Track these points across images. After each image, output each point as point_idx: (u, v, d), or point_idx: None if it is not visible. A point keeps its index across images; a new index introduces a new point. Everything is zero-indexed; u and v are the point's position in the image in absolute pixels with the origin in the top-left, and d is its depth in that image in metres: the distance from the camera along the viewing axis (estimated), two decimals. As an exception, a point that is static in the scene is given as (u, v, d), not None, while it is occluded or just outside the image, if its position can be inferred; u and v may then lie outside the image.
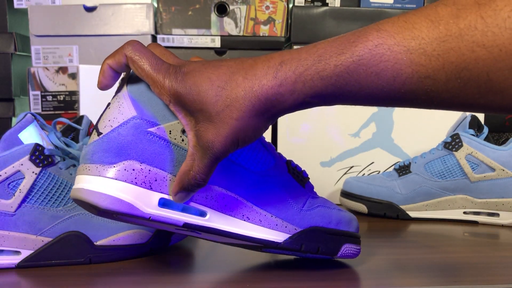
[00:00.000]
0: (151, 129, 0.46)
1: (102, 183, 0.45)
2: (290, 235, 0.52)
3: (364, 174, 0.96)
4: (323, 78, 0.42)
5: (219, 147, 0.44)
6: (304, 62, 0.42)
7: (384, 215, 0.85)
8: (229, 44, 1.17)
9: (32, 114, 0.58)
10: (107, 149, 0.46)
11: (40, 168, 0.55)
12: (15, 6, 1.16)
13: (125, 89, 0.47)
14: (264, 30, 1.16)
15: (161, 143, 0.47)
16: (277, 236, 0.52)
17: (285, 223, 0.52)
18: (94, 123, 0.80)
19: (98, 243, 0.58)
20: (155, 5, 1.17)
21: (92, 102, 0.90)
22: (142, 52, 0.45)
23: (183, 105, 0.45)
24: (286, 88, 0.43)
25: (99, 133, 0.46)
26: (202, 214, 0.49)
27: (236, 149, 0.46)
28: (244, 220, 0.51)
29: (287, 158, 0.55)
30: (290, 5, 1.20)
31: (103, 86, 0.47)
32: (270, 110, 0.44)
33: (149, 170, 0.46)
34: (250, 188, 0.51)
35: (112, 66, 0.46)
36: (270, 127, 0.96)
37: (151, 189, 0.46)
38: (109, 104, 0.48)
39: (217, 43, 1.16)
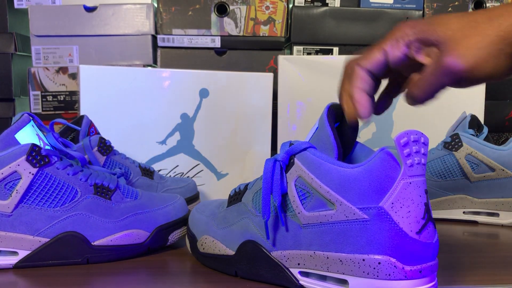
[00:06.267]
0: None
1: None
2: None
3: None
4: None
5: (455, 63, 0.44)
6: None
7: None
8: (229, 44, 1.17)
9: (29, 115, 0.58)
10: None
11: (37, 169, 0.55)
12: (15, 6, 1.16)
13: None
14: (264, 30, 1.16)
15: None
16: None
17: None
18: (95, 123, 0.79)
19: (95, 243, 0.57)
20: (155, 5, 1.17)
21: (93, 102, 0.90)
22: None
23: (427, 36, 0.46)
24: None
25: None
26: None
27: (471, 78, 0.45)
28: None
29: None
30: (290, 5, 1.19)
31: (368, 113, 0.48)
32: None
33: None
34: None
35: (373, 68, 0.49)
36: (270, 113, 0.96)
37: None
38: None
39: (217, 43, 1.16)
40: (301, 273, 0.50)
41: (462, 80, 0.46)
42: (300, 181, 0.49)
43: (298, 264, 0.49)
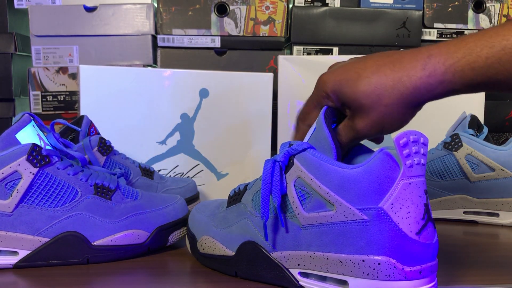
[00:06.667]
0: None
1: None
2: None
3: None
4: (474, 69, 0.46)
5: (365, 129, 0.50)
6: (453, 55, 0.46)
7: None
8: (229, 44, 1.17)
9: (30, 115, 0.58)
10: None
11: (38, 168, 0.55)
12: (15, 6, 1.16)
13: None
14: (264, 30, 1.16)
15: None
16: None
17: None
18: (95, 123, 0.79)
19: (96, 243, 0.58)
20: (155, 5, 1.17)
21: (93, 102, 0.90)
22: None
23: (341, 101, 0.50)
24: (435, 79, 0.46)
25: None
26: None
27: (381, 134, 0.51)
28: None
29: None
30: (290, 5, 1.19)
31: None
32: (418, 99, 0.48)
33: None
34: None
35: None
36: (270, 113, 0.96)
37: None
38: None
39: (217, 43, 1.16)
40: (301, 273, 0.50)
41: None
42: (300, 182, 0.49)
43: (298, 264, 0.49)
